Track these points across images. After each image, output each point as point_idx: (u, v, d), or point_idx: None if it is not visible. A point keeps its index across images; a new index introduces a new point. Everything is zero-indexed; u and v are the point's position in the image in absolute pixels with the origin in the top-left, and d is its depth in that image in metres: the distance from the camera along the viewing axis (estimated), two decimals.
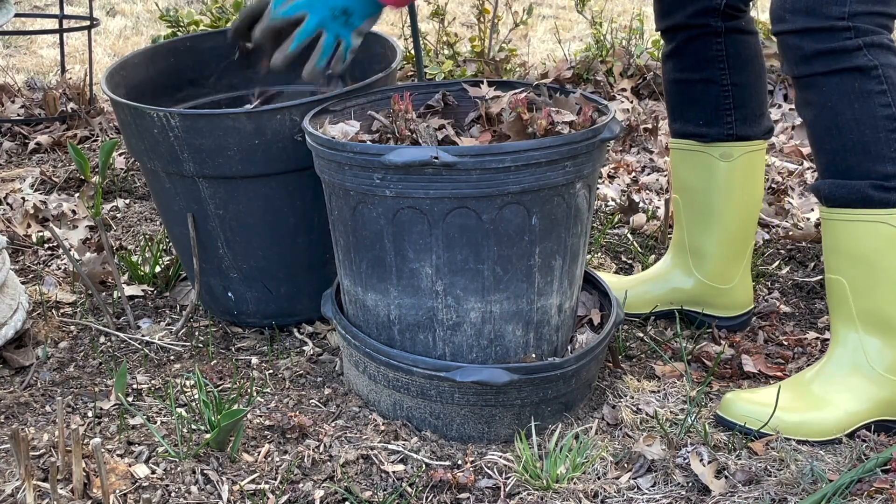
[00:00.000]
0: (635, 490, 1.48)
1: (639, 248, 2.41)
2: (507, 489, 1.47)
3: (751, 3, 1.90)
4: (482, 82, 1.79)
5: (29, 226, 2.48)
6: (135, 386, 1.75)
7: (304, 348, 1.91)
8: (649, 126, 3.32)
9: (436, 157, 1.43)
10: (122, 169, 2.94)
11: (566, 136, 1.51)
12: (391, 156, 1.45)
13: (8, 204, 2.61)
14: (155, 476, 1.47)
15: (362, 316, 1.64)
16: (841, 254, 1.61)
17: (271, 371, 1.81)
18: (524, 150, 1.46)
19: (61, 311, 2.05)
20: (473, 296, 1.54)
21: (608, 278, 2.04)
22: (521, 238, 1.52)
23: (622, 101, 3.69)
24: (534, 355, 1.61)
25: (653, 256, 2.36)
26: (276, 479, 1.48)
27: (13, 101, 3.51)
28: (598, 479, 1.50)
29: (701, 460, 1.51)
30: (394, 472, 1.50)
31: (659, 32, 1.97)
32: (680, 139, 1.95)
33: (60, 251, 2.34)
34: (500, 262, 1.52)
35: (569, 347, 1.71)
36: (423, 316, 1.56)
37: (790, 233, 2.54)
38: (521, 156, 1.45)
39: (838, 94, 1.55)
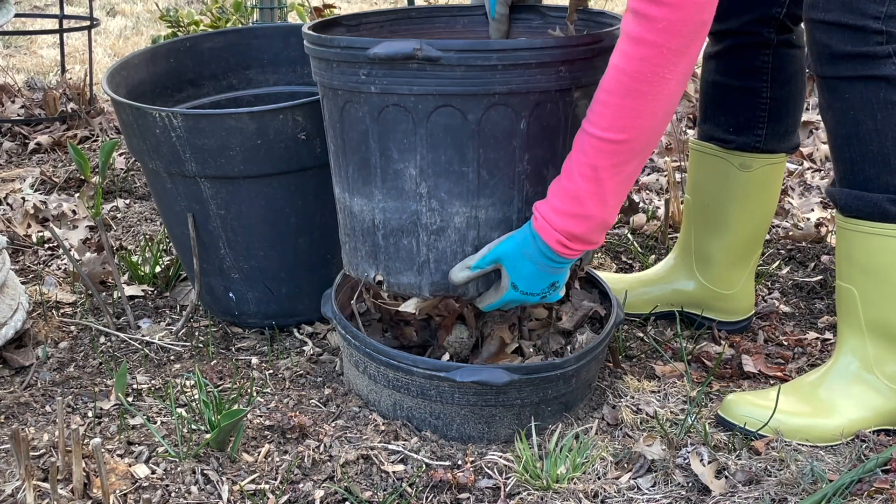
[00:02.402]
0: (635, 490, 1.48)
1: (639, 248, 2.41)
2: (507, 489, 1.47)
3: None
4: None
5: (29, 226, 2.48)
6: (135, 386, 1.75)
7: (304, 348, 1.91)
8: None
9: (419, 50, 1.41)
10: (122, 169, 2.94)
11: (560, 39, 1.47)
12: (376, 49, 1.43)
13: (8, 204, 2.61)
14: (155, 476, 1.47)
15: (349, 224, 1.62)
16: (853, 263, 1.59)
17: (271, 371, 1.81)
18: (512, 49, 1.43)
19: (61, 311, 2.05)
20: (458, 200, 1.51)
21: (608, 277, 2.04)
22: (508, 142, 1.48)
23: None
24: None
25: (653, 256, 2.36)
26: (276, 479, 1.48)
27: (13, 101, 3.51)
28: (598, 479, 1.50)
29: (701, 460, 1.51)
30: (394, 472, 1.51)
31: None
32: (703, 141, 1.92)
33: (60, 251, 2.34)
34: (486, 165, 1.49)
35: (569, 347, 1.71)
36: (407, 220, 1.54)
37: (790, 233, 2.54)
38: (509, 55, 1.42)
39: (861, 102, 1.52)
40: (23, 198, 2.61)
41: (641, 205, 2.70)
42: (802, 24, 1.83)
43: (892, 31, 1.49)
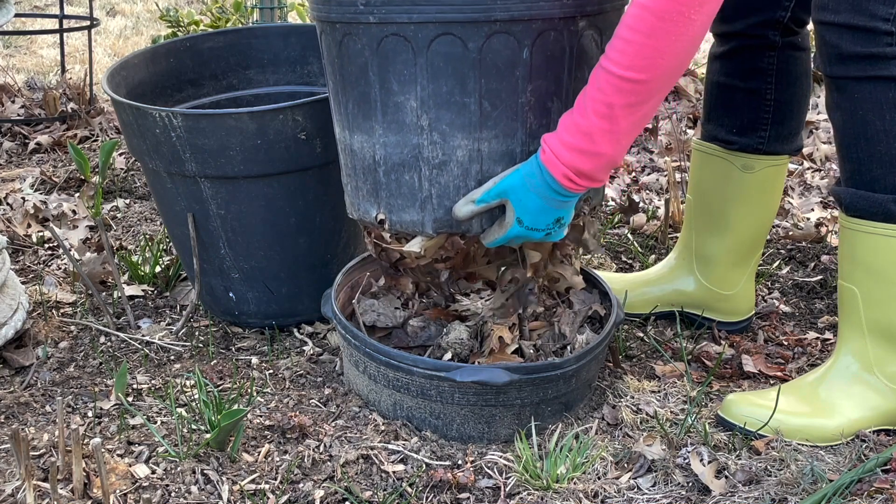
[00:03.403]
0: (635, 490, 1.48)
1: (639, 248, 2.41)
2: (507, 489, 1.47)
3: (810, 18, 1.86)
4: None
5: (29, 226, 2.48)
6: (135, 386, 1.75)
7: (304, 348, 1.91)
8: (649, 126, 3.32)
9: None
10: (122, 169, 2.94)
11: None
12: None
13: (8, 204, 2.61)
14: (155, 476, 1.47)
15: (350, 163, 1.59)
16: (856, 263, 1.59)
17: (271, 371, 1.81)
18: None
19: (61, 311, 2.05)
20: (460, 132, 1.48)
21: (608, 276, 2.04)
22: (510, 72, 1.46)
23: None
24: None
25: (653, 256, 2.36)
26: (276, 479, 1.48)
27: (13, 101, 3.51)
28: (598, 479, 1.50)
29: (701, 460, 1.51)
30: (394, 472, 1.51)
31: (712, 33, 1.92)
32: (706, 141, 1.92)
33: (60, 251, 2.34)
34: (488, 96, 1.47)
35: (569, 347, 1.71)
36: (409, 154, 1.51)
37: (790, 233, 2.54)
38: None
39: (870, 102, 1.52)
40: (23, 198, 2.61)
41: (641, 205, 2.70)
42: (807, 27, 1.84)
43: None
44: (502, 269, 1.77)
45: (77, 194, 2.74)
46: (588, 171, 1.42)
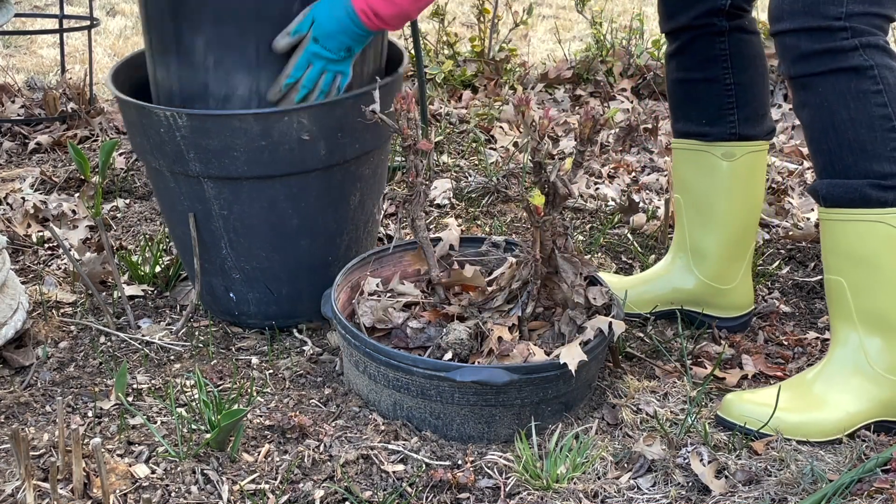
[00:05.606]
0: (635, 490, 1.48)
1: (639, 248, 2.41)
2: (507, 489, 1.48)
3: (753, 3, 1.90)
4: None
5: (29, 226, 2.48)
6: (135, 386, 1.75)
7: (304, 348, 1.91)
8: (649, 126, 3.32)
9: None
10: (122, 169, 2.94)
11: None
12: None
13: (8, 204, 2.61)
14: (155, 476, 1.48)
15: None
16: (840, 254, 1.61)
17: (271, 371, 1.81)
18: None
19: (61, 311, 2.05)
20: None
21: (609, 278, 2.04)
22: None
23: (622, 101, 3.70)
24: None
25: (653, 256, 2.36)
26: (276, 479, 1.49)
27: (13, 101, 3.51)
28: (598, 479, 1.50)
29: (701, 460, 1.51)
30: (394, 472, 1.51)
31: (663, 34, 1.98)
32: (682, 139, 1.96)
33: (60, 251, 2.34)
34: None
35: None
36: None
37: (790, 233, 2.54)
38: None
39: (834, 94, 1.56)
40: (23, 198, 2.61)
41: (641, 205, 2.70)
42: (752, 13, 1.90)
43: (855, 26, 1.54)
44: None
45: (77, 194, 2.73)
46: (384, 15, 1.65)
